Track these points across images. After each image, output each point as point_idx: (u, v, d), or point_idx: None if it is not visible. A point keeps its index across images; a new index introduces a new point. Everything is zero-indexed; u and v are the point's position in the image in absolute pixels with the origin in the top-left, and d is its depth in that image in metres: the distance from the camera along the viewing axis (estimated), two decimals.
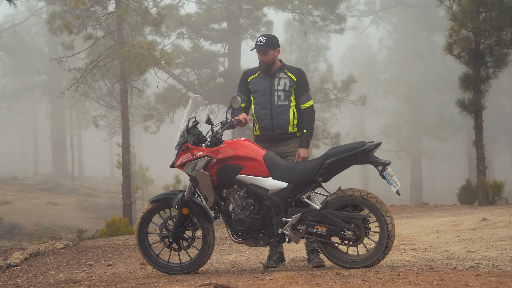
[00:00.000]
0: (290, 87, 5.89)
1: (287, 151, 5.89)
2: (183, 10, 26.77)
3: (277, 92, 5.89)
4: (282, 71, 5.94)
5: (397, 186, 5.23)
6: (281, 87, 5.89)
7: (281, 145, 5.91)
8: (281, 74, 5.93)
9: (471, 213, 10.31)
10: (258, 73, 6.02)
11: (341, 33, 25.14)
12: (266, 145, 5.84)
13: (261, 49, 5.85)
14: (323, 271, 5.16)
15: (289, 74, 5.93)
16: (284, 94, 5.88)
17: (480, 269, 4.99)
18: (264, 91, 5.93)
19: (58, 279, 6.12)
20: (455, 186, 18.10)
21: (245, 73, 6.13)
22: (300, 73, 5.98)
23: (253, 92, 6.01)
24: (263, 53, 5.87)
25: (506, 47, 13.02)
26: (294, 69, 6.02)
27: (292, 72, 5.95)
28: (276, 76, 5.93)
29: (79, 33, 17.60)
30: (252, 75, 6.05)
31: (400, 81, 43.22)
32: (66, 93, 17.86)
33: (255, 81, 6.00)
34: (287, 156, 5.86)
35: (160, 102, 25.19)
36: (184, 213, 5.69)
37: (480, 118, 13.16)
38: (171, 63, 16.54)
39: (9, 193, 31.19)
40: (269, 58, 5.89)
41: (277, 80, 5.91)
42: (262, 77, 5.99)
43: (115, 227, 12.42)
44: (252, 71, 6.11)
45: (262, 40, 5.88)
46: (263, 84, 5.95)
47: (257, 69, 6.07)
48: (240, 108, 5.98)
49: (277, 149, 5.87)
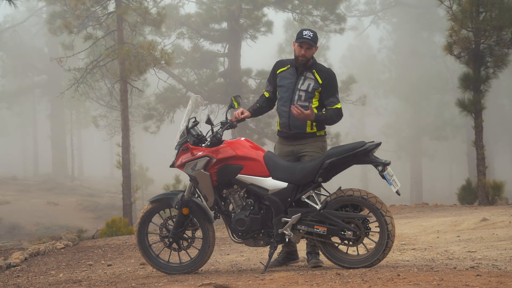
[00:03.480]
0: (313, 89, 5.67)
1: (302, 150, 5.69)
2: (183, 10, 26.83)
3: (299, 92, 5.69)
4: (311, 70, 5.70)
5: (397, 186, 5.23)
6: (304, 87, 5.68)
7: (298, 143, 5.72)
8: (308, 73, 5.70)
9: (471, 213, 10.30)
10: (288, 67, 5.81)
11: (341, 33, 25.16)
12: (285, 142, 5.76)
13: (308, 42, 5.62)
14: (323, 271, 5.16)
15: (316, 75, 5.68)
16: (306, 95, 5.67)
17: (480, 269, 4.99)
18: (288, 87, 5.74)
19: (58, 279, 6.12)
20: (455, 186, 18.08)
21: (277, 64, 5.93)
22: (329, 75, 5.69)
23: (278, 86, 5.83)
24: (308, 47, 5.64)
25: (506, 47, 13.01)
26: (324, 70, 5.73)
27: (320, 73, 5.68)
28: (303, 74, 5.71)
29: (79, 33, 17.61)
30: (282, 67, 5.85)
31: (400, 81, 43.22)
32: (66, 93, 17.86)
33: (282, 75, 5.81)
34: (301, 156, 5.68)
35: (160, 102, 25.20)
36: (184, 213, 5.69)
37: (480, 118, 13.15)
38: (171, 63, 16.52)
39: (9, 193, 31.21)
40: (311, 54, 5.68)
41: (303, 79, 5.70)
42: (290, 72, 5.78)
43: (115, 227, 12.41)
44: (284, 63, 5.89)
45: (309, 35, 5.64)
46: (288, 80, 5.75)
47: (288, 62, 5.86)
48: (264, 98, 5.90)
49: (294, 147, 5.72)
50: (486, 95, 13.41)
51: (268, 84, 5.98)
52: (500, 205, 12.41)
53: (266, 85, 6.00)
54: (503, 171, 39.97)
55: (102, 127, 29.65)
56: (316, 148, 5.70)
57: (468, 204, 13.76)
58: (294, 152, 5.73)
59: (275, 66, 5.94)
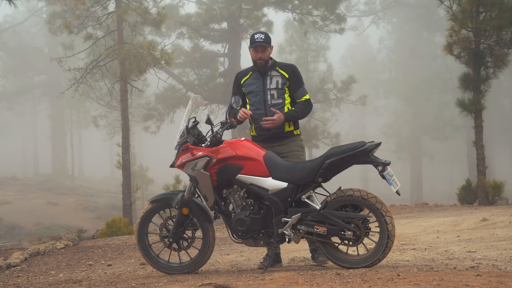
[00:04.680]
0: (283, 85, 5.83)
1: (284, 151, 5.82)
2: (183, 10, 26.82)
3: (270, 91, 5.83)
4: (274, 69, 5.86)
5: (397, 186, 5.23)
6: (273, 86, 5.82)
7: (278, 144, 5.84)
8: (273, 72, 5.86)
9: (471, 213, 10.30)
10: (250, 74, 5.95)
11: (341, 33, 25.14)
12: (263, 145, 5.80)
13: (262, 45, 5.79)
14: (323, 271, 5.16)
15: (280, 71, 5.85)
16: (277, 92, 5.82)
17: (480, 269, 4.99)
18: (257, 91, 5.87)
19: (58, 279, 6.12)
20: (455, 186, 18.08)
21: (237, 76, 6.06)
22: (292, 69, 5.89)
23: (247, 94, 5.94)
24: (263, 49, 5.81)
25: (506, 47, 13.01)
26: (286, 65, 5.94)
27: (284, 69, 5.87)
28: (268, 74, 5.86)
29: (79, 33, 17.60)
30: (244, 76, 5.98)
31: (400, 81, 43.23)
32: (66, 93, 17.85)
33: (248, 83, 5.93)
34: (285, 157, 5.78)
35: (160, 102, 25.22)
36: (184, 213, 5.69)
37: (480, 118, 13.15)
38: (171, 63, 16.51)
39: (9, 193, 31.23)
40: (267, 55, 5.83)
41: (269, 78, 5.84)
42: (254, 77, 5.92)
43: (115, 227, 12.42)
44: (243, 72, 6.04)
45: (261, 37, 5.80)
46: (255, 84, 5.88)
47: (248, 70, 6.01)
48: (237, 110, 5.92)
49: (274, 149, 5.80)
50: (486, 95, 13.41)
51: (234, 99, 5.98)
52: (500, 205, 12.41)
53: (232, 101, 5.99)
54: (503, 171, 39.93)
55: (102, 127, 29.66)
56: (297, 147, 5.89)
57: (468, 204, 13.76)
58: (275, 153, 5.75)
59: (236, 78, 6.06)
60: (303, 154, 5.94)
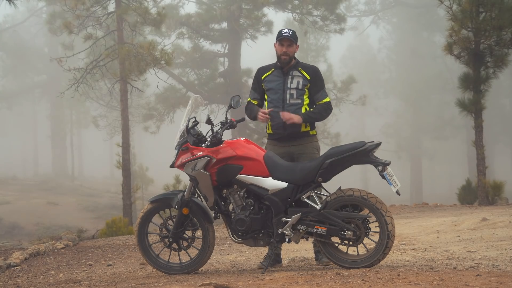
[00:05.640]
0: (303, 86, 5.78)
1: (300, 151, 5.78)
2: (183, 10, 26.80)
3: (290, 90, 5.78)
4: (296, 68, 5.82)
5: (397, 186, 5.23)
6: (294, 85, 5.78)
7: (294, 144, 5.79)
8: (294, 72, 5.82)
9: (471, 213, 10.30)
10: (272, 71, 5.90)
11: (341, 33, 25.14)
12: (279, 144, 5.79)
13: (289, 39, 5.75)
14: (323, 271, 5.16)
15: (303, 72, 5.81)
16: (297, 92, 5.77)
17: (480, 269, 4.99)
18: (277, 89, 5.83)
19: (58, 279, 6.12)
20: (455, 186, 18.08)
21: (259, 71, 6.00)
22: (315, 71, 5.85)
23: (266, 90, 5.90)
24: (289, 44, 5.76)
25: (506, 47, 13.01)
26: (309, 66, 5.89)
27: (306, 70, 5.83)
28: (290, 74, 5.82)
29: (79, 33, 17.59)
30: (265, 72, 5.93)
31: (400, 81, 43.23)
32: (66, 93, 17.85)
33: (268, 79, 5.89)
34: (300, 158, 5.75)
35: (160, 102, 25.22)
36: (184, 213, 5.69)
37: (480, 118, 13.15)
38: (171, 63, 16.50)
39: (9, 193, 31.22)
40: (292, 51, 5.79)
41: (290, 78, 5.80)
42: (275, 74, 5.87)
43: (115, 227, 12.42)
44: (266, 68, 5.98)
45: (288, 32, 5.78)
46: (276, 82, 5.84)
47: (270, 66, 5.96)
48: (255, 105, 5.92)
49: (289, 148, 5.78)
50: (486, 95, 13.41)
51: (254, 92, 5.99)
52: (500, 205, 12.41)
53: (251, 94, 6.00)
54: (503, 171, 39.95)
55: (102, 127, 29.68)
56: (313, 149, 5.83)
57: (468, 204, 13.77)
58: (290, 153, 5.77)
59: (257, 73, 6.00)
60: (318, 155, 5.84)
